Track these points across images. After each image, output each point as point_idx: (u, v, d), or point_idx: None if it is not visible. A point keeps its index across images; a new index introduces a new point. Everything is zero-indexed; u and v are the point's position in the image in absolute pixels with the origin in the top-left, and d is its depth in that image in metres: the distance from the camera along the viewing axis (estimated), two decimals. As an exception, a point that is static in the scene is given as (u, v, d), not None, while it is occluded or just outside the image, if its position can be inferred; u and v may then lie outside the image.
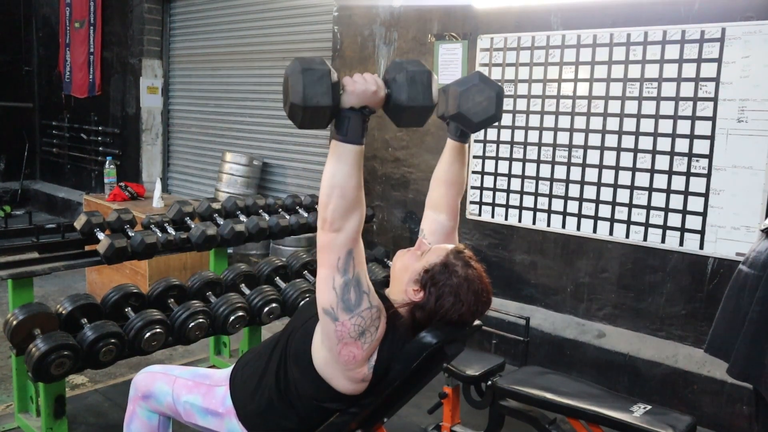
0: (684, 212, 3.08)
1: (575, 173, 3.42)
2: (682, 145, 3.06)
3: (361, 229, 1.46)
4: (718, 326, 1.96)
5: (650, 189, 3.17)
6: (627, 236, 3.26)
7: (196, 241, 2.93)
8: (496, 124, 3.67)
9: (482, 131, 3.74)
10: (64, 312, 2.51)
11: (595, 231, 3.37)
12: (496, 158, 3.72)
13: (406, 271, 1.65)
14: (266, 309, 2.86)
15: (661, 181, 3.13)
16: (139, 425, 1.91)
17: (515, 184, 3.66)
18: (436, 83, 1.46)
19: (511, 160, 3.66)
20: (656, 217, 3.16)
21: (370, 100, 1.41)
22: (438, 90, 1.57)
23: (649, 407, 2.19)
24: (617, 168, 3.27)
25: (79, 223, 2.85)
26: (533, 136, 3.56)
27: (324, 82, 1.33)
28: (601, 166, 3.32)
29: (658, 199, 3.14)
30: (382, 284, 1.77)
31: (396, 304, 1.65)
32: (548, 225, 3.55)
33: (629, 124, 3.21)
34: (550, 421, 2.35)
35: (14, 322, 2.38)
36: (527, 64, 3.55)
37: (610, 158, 3.29)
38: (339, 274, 1.45)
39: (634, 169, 3.21)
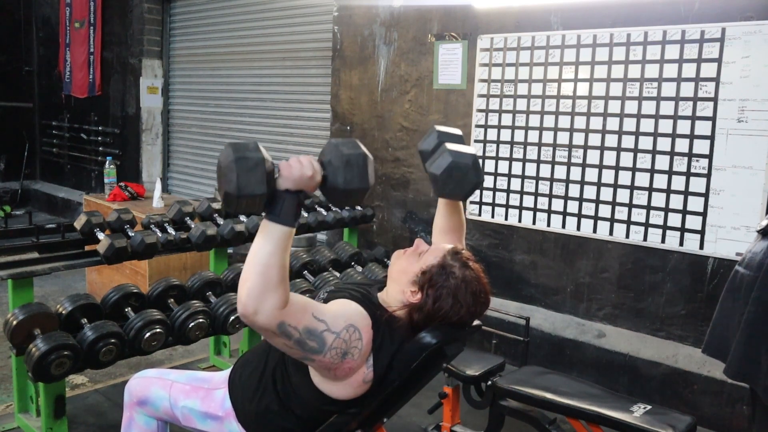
0: (684, 212, 3.08)
1: (575, 173, 3.42)
2: (682, 145, 3.06)
3: (286, 302, 1.39)
4: (715, 327, 1.96)
5: (650, 189, 3.17)
6: (627, 236, 3.26)
7: (196, 241, 2.93)
8: (496, 124, 3.68)
9: (482, 131, 3.74)
10: (64, 312, 2.52)
11: (595, 231, 3.37)
12: (496, 158, 3.72)
13: (404, 273, 1.65)
14: (266, 309, 2.86)
15: (661, 181, 3.13)
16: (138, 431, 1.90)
17: (515, 184, 3.66)
18: (371, 165, 1.46)
19: (511, 160, 3.66)
20: (656, 217, 3.16)
21: (305, 185, 1.40)
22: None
23: (649, 407, 2.20)
24: (617, 168, 3.27)
25: (79, 223, 2.85)
26: (533, 136, 3.56)
27: (258, 170, 1.33)
28: (601, 166, 3.32)
29: (658, 199, 3.14)
30: (380, 287, 1.76)
31: (394, 306, 1.65)
32: (548, 225, 3.55)
33: (629, 124, 3.21)
34: (550, 421, 2.35)
35: (14, 322, 2.38)
36: (527, 64, 3.55)
37: (610, 158, 3.29)
38: (285, 339, 1.43)
39: (634, 169, 3.21)
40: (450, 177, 1.70)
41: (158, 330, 2.54)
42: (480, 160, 3.76)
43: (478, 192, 3.80)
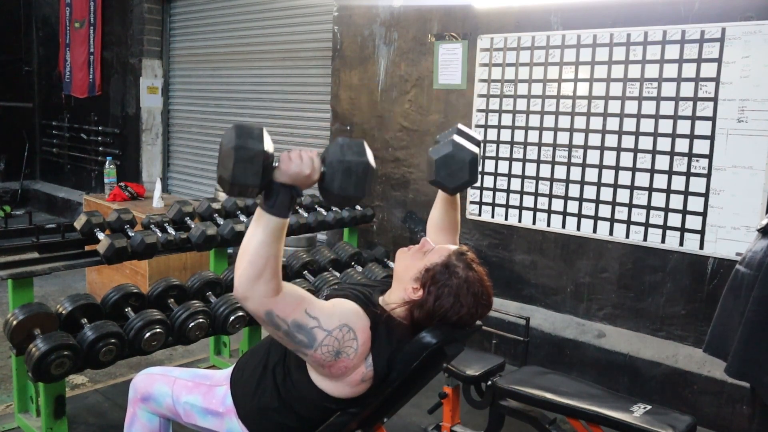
0: (684, 212, 3.08)
1: (575, 173, 3.42)
2: (682, 145, 3.06)
3: (276, 292, 1.42)
4: (716, 326, 1.97)
5: (650, 189, 3.17)
6: (627, 236, 3.26)
7: (196, 241, 2.93)
8: (496, 124, 3.68)
9: (482, 131, 3.74)
10: (64, 312, 2.52)
11: (595, 231, 3.37)
12: (496, 158, 3.72)
13: (408, 270, 1.66)
14: (266, 309, 2.86)
15: (661, 181, 3.13)
16: (140, 428, 1.90)
17: (515, 184, 3.66)
18: (372, 174, 1.45)
19: (511, 160, 3.66)
20: (656, 217, 3.16)
21: (301, 182, 1.40)
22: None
23: (649, 407, 2.20)
24: (617, 168, 3.27)
25: (79, 223, 2.85)
26: (533, 136, 3.56)
27: (255, 162, 1.33)
28: (601, 166, 3.32)
29: (658, 199, 3.14)
30: (381, 290, 1.77)
31: (395, 303, 1.65)
32: (548, 225, 3.55)
33: (629, 124, 3.21)
34: (550, 421, 2.35)
35: (14, 322, 2.38)
36: (527, 64, 3.55)
37: (610, 158, 3.29)
38: (274, 328, 1.46)
39: (634, 169, 3.21)
40: (444, 165, 1.74)
41: (158, 330, 2.53)
42: (480, 161, 3.76)
43: (478, 192, 3.81)
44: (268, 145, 1.36)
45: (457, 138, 1.78)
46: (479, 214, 3.83)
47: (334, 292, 1.67)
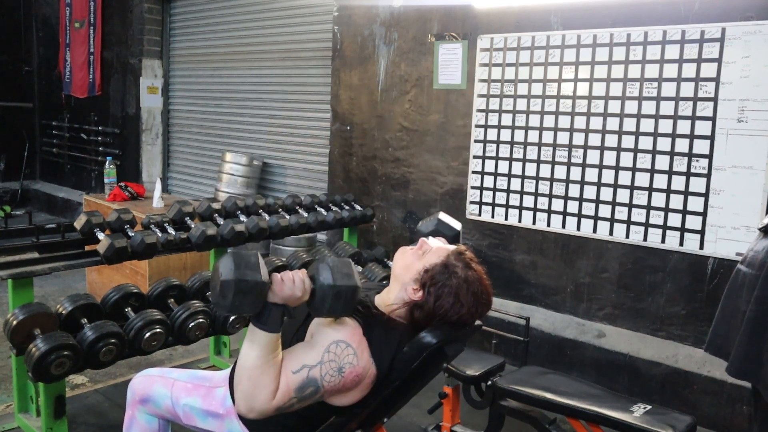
0: (684, 212, 3.08)
1: (575, 173, 3.42)
2: (682, 145, 3.06)
3: (275, 392, 1.47)
4: (718, 326, 1.96)
5: (650, 189, 3.17)
6: (627, 236, 3.26)
7: (196, 241, 2.93)
8: (497, 124, 3.68)
9: (482, 131, 3.74)
10: (64, 312, 2.51)
11: (595, 231, 3.37)
12: (496, 158, 3.72)
13: (407, 270, 1.66)
14: (266, 309, 2.85)
15: (661, 181, 3.13)
16: (139, 430, 1.89)
17: (515, 184, 3.66)
18: (359, 293, 1.51)
19: (511, 160, 3.66)
20: (656, 217, 3.16)
21: (292, 303, 1.47)
22: None
23: (649, 407, 2.19)
24: (617, 168, 3.27)
25: (79, 223, 2.85)
26: (533, 136, 3.56)
27: (253, 294, 1.40)
28: (601, 166, 3.32)
29: (658, 199, 3.14)
30: (375, 291, 1.77)
31: (395, 303, 1.65)
32: (548, 225, 3.55)
33: (629, 124, 3.21)
34: (550, 421, 2.35)
35: (14, 322, 2.38)
36: (527, 64, 3.55)
37: (610, 158, 3.29)
38: (288, 408, 1.51)
39: (634, 169, 3.21)
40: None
41: (158, 330, 2.53)
42: (480, 161, 3.76)
43: (478, 192, 3.81)
44: (265, 275, 1.42)
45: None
46: (479, 214, 3.83)
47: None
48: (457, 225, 2.01)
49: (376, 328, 1.58)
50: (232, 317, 2.75)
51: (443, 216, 1.99)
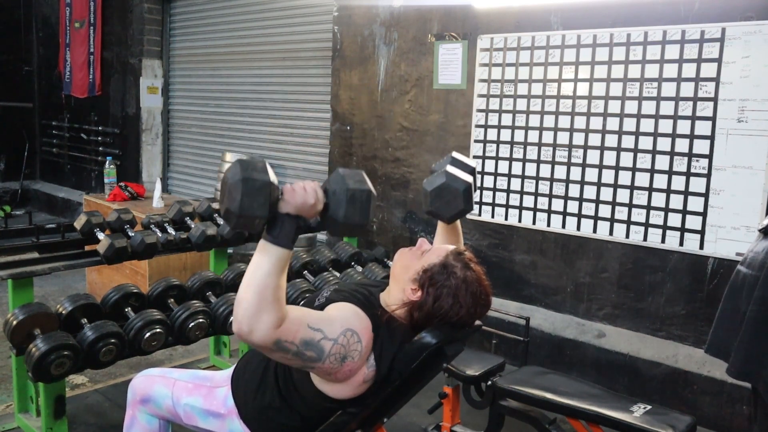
0: (684, 212, 3.08)
1: (575, 173, 3.42)
2: (682, 145, 3.06)
3: (281, 321, 1.41)
4: (718, 327, 1.96)
5: (650, 189, 3.17)
6: (627, 236, 3.26)
7: (196, 241, 2.93)
8: (496, 124, 3.68)
9: (482, 131, 3.74)
10: (64, 312, 2.51)
11: (595, 231, 3.37)
12: (496, 158, 3.72)
13: (406, 270, 1.66)
14: (266, 309, 2.85)
15: (661, 181, 3.13)
16: (140, 430, 1.89)
17: (515, 184, 3.66)
18: (373, 200, 1.48)
19: (511, 160, 3.66)
20: (656, 217, 3.16)
21: (306, 212, 1.42)
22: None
23: (649, 407, 2.20)
24: (617, 168, 3.27)
25: (79, 223, 2.85)
26: (533, 136, 3.56)
27: (262, 193, 1.35)
28: (601, 166, 3.32)
29: (658, 199, 3.14)
30: (381, 289, 1.77)
31: (394, 304, 1.65)
32: (548, 225, 3.55)
33: (629, 124, 3.21)
34: (550, 421, 2.35)
35: (14, 322, 2.38)
36: (527, 64, 3.55)
37: (610, 158, 3.29)
38: (283, 353, 1.45)
39: (634, 169, 3.21)
40: (438, 196, 1.79)
41: (158, 330, 2.53)
42: (476, 190, 3.76)
43: (478, 192, 3.80)
44: (273, 177, 1.38)
45: (450, 168, 1.82)
46: (479, 214, 3.83)
47: (335, 295, 1.67)
48: (472, 162, 1.98)
49: (381, 326, 1.58)
50: (232, 317, 2.74)
51: (456, 154, 1.96)
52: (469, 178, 1.82)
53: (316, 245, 4.59)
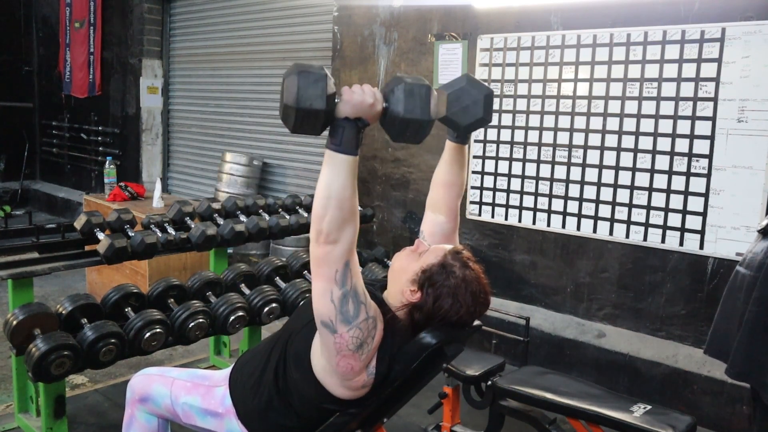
0: (684, 212, 3.08)
1: (575, 173, 3.42)
2: (682, 145, 3.06)
3: (356, 240, 1.43)
4: (717, 328, 1.96)
5: (650, 189, 3.17)
6: (627, 236, 3.26)
7: (196, 241, 2.93)
8: (496, 124, 3.68)
9: (482, 131, 3.74)
10: (64, 312, 2.51)
11: (595, 231, 3.37)
12: (496, 158, 3.72)
13: (404, 272, 1.65)
14: (266, 309, 2.86)
15: (661, 181, 3.13)
16: (139, 429, 1.89)
17: (515, 184, 3.66)
18: (434, 98, 1.45)
19: (511, 160, 3.66)
20: (656, 217, 3.16)
21: (365, 113, 1.39)
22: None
23: (649, 407, 2.19)
24: (617, 168, 3.27)
25: (79, 223, 2.85)
26: (533, 136, 3.56)
27: (319, 85, 1.33)
28: (601, 166, 3.32)
29: (658, 199, 3.14)
30: (381, 287, 1.76)
31: (394, 306, 1.64)
32: (548, 225, 3.55)
33: (629, 124, 3.21)
34: (550, 421, 2.35)
35: (14, 322, 2.38)
36: (527, 64, 3.55)
37: (610, 158, 3.29)
38: (337, 286, 1.43)
39: (634, 169, 3.21)
40: (457, 100, 1.66)
41: (158, 330, 2.53)
42: (480, 160, 3.76)
43: (478, 192, 3.81)
44: (324, 101, 1.35)
45: (469, 77, 1.71)
46: (479, 214, 3.83)
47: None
48: (486, 87, 1.79)
49: (387, 327, 1.58)
50: (232, 317, 2.75)
51: (470, 76, 1.77)
52: (487, 89, 1.70)
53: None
